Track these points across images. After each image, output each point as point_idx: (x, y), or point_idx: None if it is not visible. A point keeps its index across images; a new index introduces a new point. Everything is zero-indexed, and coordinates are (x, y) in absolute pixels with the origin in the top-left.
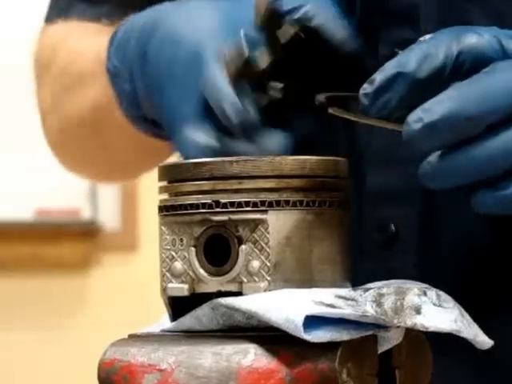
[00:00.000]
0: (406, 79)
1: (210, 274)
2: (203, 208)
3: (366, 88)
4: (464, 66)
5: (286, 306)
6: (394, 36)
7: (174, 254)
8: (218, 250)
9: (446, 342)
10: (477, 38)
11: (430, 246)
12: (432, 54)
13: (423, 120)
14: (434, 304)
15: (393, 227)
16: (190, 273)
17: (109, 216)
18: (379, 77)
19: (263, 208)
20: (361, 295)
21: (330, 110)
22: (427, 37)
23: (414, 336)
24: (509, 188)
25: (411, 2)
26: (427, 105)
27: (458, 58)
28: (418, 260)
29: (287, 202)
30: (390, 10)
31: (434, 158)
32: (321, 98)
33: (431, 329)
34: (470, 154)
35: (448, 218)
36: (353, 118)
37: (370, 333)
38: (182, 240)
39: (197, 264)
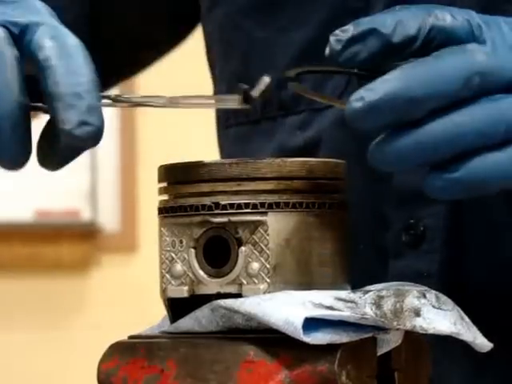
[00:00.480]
0: (379, 37)
1: (210, 275)
2: (203, 210)
3: (339, 34)
4: (433, 43)
5: (286, 308)
6: None
7: (173, 255)
8: (217, 251)
9: (445, 344)
10: (451, 18)
11: (456, 245)
12: (407, 22)
13: (364, 99)
14: (434, 306)
15: (421, 226)
16: (190, 274)
17: (108, 217)
18: (354, 27)
19: (263, 210)
20: (360, 297)
21: (289, 86)
22: (398, 8)
23: (414, 338)
24: (458, 171)
25: (447, 2)
26: (371, 85)
27: (429, 32)
28: (445, 259)
29: (287, 204)
30: None
31: (380, 139)
32: (291, 73)
33: (430, 331)
34: (415, 137)
35: (475, 217)
36: (310, 96)
37: (369, 335)
38: (181, 241)
39: (196, 265)
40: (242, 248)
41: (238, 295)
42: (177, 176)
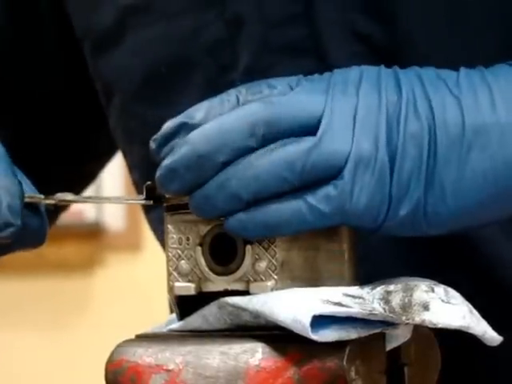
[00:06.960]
0: (191, 128)
1: (217, 272)
2: None
3: (156, 134)
4: None
5: (293, 306)
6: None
7: (180, 252)
8: (224, 248)
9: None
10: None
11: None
12: (215, 107)
13: (163, 164)
14: (443, 300)
15: None
16: (197, 272)
17: (113, 216)
18: (167, 124)
19: None
20: (368, 293)
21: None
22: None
23: (423, 333)
24: (252, 212)
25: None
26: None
27: None
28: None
29: None
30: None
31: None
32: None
33: (440, 325)
34: (203, 191)
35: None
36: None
37: (378, 331)
38: (188, 239)
39: (203, 263)
40: (249, 245)
41: (246, 292)
42: None
